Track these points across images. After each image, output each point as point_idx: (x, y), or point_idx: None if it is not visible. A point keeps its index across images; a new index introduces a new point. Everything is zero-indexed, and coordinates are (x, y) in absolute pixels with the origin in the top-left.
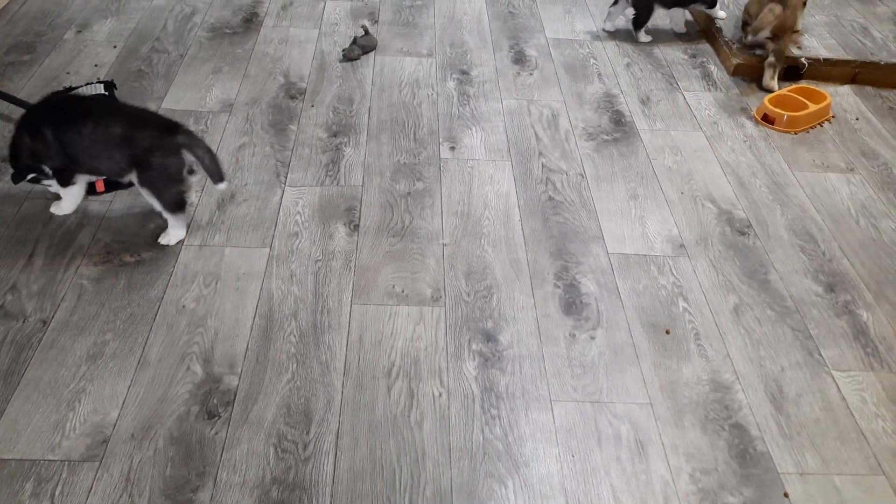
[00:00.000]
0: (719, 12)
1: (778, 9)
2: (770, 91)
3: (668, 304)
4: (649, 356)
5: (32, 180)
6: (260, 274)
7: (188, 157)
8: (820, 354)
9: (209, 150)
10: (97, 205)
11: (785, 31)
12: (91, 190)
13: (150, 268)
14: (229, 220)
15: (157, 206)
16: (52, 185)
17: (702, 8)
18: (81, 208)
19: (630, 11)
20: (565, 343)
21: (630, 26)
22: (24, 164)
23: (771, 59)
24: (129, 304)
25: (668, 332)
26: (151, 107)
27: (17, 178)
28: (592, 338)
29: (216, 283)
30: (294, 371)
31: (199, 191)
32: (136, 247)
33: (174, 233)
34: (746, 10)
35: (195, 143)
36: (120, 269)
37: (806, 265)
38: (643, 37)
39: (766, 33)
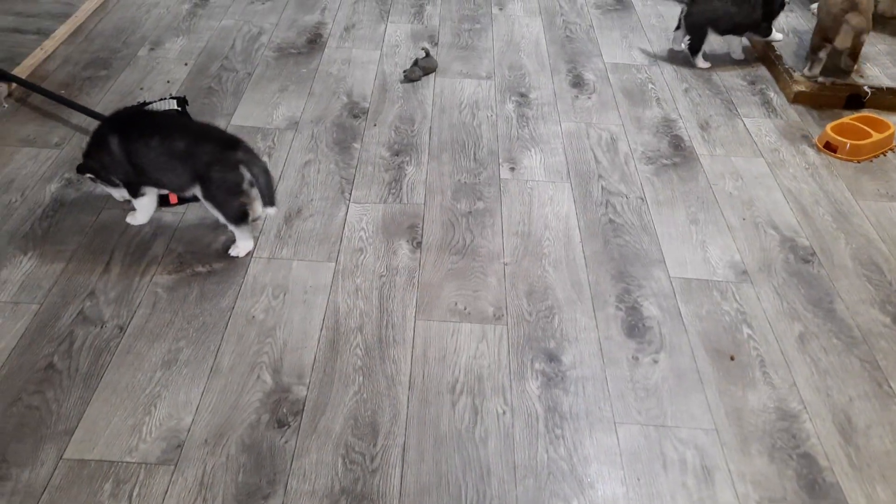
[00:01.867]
0: (776, 35)
1: (856, 19)
2: (849, 71)
3: (731, 331)
4: (714, 382)
5: (92, 180)
6: (326, 287)
7: (246, 174)
8: (889, 386)
9: (266, 171)
10: (171, 216)
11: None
12: (165, 201)
13: (221, 278)
14: (296, 234)
15: (221, 218)
16: (115, 192)
17: (757, 37)
18: (155, 219)
19: (686, 37)
20: (628, 366)
21: (688, 53)
22: (90, 165)
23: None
24: (202, 312)
25: (732, 359)
26: (221, 123)
27: (80, 169)
28: (656, 361)
29: (284, 296)
30: (361, 384)
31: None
32: (207, 257)
33: (242, 245)
34: (821, 32)
35: (254, 160)
36: (192, 278)
37: (872, 295)
38: (701, 62)
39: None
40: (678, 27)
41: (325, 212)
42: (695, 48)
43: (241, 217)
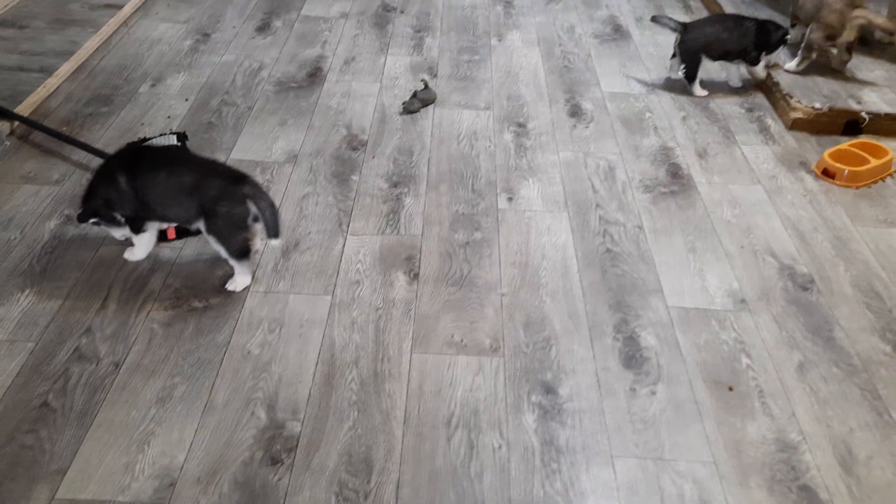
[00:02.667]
0: (759, 71)
1: (859, 13)
2: (842, 68)
3: (730, 360)
4: (712, 413)
5: (95, 223)
6: (322, 321)
7: (252, 208)
8: (890, 415)
9: (272, 205)
10: (168, 251)
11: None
12: (163, 237)
13: (218, 313)
14: (293, 267)
15: (223, 252)
16: (116, 232)
17: (745, 65)
18: (153, 254)
19: (682, 65)
20: (626, 397)
21: (685, 80)
22: (93, 208)
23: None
24: (197, 348)
25: (731, 389)
26: (220, 157)
27: (82, 218)
28: (653, 392)
29: (280, 330)
30: (355, 419)
31: (265, 238)
32: (204, 292)
33: (240, 279)
34: (827, 29)
35: (260, 195)
36: (189, 313)
37: (872, 323)
38: (698, 90)
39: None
40: (674, 55)
41: (323, 244)
42: (691, 75)
43: (243, 252)
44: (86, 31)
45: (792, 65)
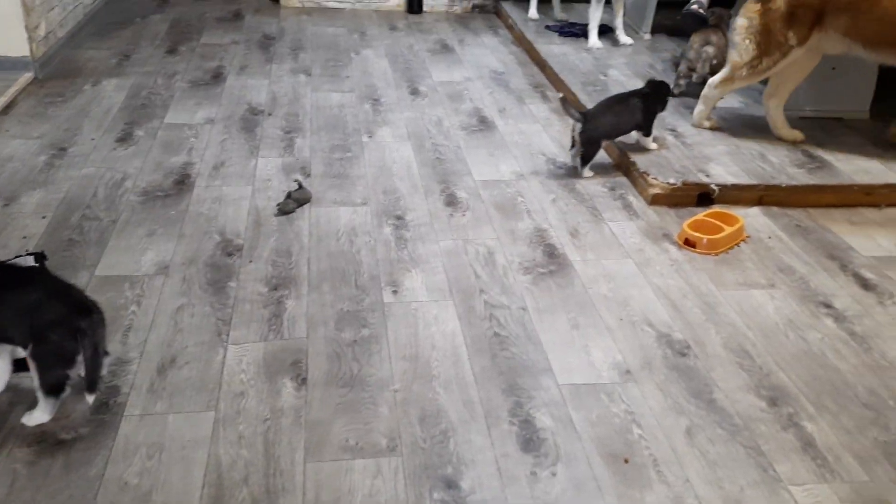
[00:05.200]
0: (651, 144)
1: (710, 51)
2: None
3: (623, 432)
4: (612, 488)
5: None
6: (206, 440)
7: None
8: (774, 470)
9: (96, 350)
10: (29, 381)
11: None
12: (22, 366)
13: (89, 444)
14: (171, 385)
15: (36, 381)
16: None
17: (639, 135)
18: (12, 386)
19: (580, 150)
20: (527, 482)
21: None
22: None
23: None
24: (68, 485)
25: (626, 461)
26: (83, 275)
27: None
28: (554, 474)
29: (160, 455)
30: None
31: (139, 356)
32: (72, 422)
33: (38, 415)
34: (688, 63)
35: (91, 334)
36: (56, 448)
37: (747, 381)
38: (587, 172)
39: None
40: (573, 145)
41: (202, 357)
42: (588, 159)
43: (56, 389)
44: None
45: (674, 90)
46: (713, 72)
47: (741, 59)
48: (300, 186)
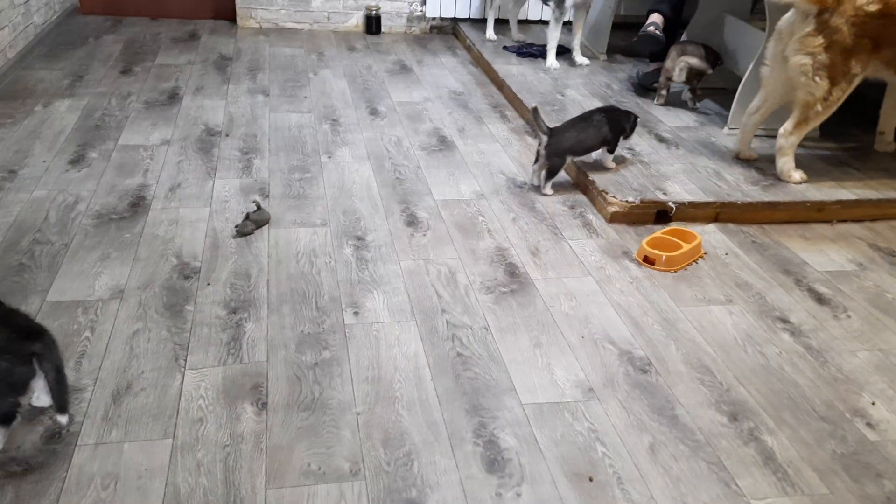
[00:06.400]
0: (609, 163)
1: (686, 60)
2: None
3: (586, 451)
4: None
5: None
6: (164, 468)
7: (38, 370)
8: (736, 485)
9: (59, 371)
10: None
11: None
12: None
13: (41, 476)
14: (126, 412)
15: None
16: None
17: (601, 151)
18: None
19: (545, 166)
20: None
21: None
22: None
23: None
24: None
25: (591, 480)
26: (34, 301)
27: None
28: (518, 495)
29: (115, 485)
30: None
31: (93, 383)
32: (22, 453)
33: None
34: (666, 73)
35: (49, 356)
36: (5, 481)
37: (707, 397)
38: (549, 189)
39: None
40: (536, 160)
41: (158, 383)
42: (552, 175)
43: (7, 418)
44: None
45: (656, 102)
46: (689, 80)
47: (814, 96)
48: (259, 207)
